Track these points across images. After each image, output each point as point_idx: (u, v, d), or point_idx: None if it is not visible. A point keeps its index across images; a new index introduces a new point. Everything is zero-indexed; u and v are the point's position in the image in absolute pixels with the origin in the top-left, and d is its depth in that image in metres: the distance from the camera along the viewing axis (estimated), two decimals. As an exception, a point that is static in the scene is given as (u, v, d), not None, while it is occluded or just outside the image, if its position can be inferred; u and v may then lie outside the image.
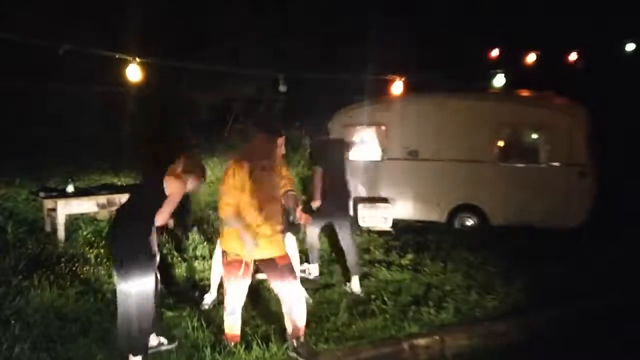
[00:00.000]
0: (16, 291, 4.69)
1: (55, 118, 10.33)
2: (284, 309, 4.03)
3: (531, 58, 10.61)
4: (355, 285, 5.37)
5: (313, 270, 5.79)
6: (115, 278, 3.82)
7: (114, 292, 4.94)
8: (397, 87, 8.35)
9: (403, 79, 8.30)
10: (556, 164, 7.37)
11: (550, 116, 7.59)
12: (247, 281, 4.01)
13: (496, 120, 7.69)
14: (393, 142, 8.23)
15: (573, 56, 10.85)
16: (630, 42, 10.78)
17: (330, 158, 5.61)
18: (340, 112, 8.63)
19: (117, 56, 5.88)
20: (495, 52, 13.02)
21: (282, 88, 7.97)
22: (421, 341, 4.31)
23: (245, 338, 4.11)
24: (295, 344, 3.96)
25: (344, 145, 6.31)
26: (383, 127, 8.32)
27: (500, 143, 7.74)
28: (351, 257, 5.45)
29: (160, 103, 11.26)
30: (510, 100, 8.24)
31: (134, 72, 5.76)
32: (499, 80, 8.16)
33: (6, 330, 4.01)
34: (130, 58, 5.81)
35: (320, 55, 12.82)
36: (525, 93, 8.66)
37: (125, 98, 10.73)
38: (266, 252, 3.92)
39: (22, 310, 4.38)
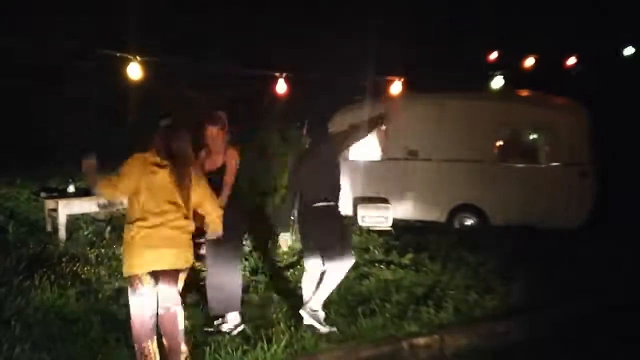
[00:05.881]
0: (17, 291, 4.69)
1: (56, 118, 10.34)
2: None
3: (530, 62, 10.60)
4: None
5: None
6: None
7: (115, 291, 5.02)
8: (397, 87, 8.34)
9: (402, 79, 8.29)
10: (557, 164, 7.37)
11: (550, 116, 7.59)
12: None
13: (496, 120, 7.69)
14: (393, 142, 8.24)
15: (572, 60, 10.83)
16: (629, 46, 10.75)
17: None
18: (340, 112, 8.63)
19: (118, 54, 5.86)
20: (494, 55, 12.99)
21: (280, 88, 7.96)
22: (421, 340, 4.30)
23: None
24: None
25: None
26: (383, 127, 8.32)
27: (500, 143, 7.75)
28: None
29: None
30: (510, 100, 8.24)
31: (135, 71, 5.76)
32: (498, 82, 8.18)
33: (7, 331, 4.01)
34: (132, 57, 5.82)
35: (320, 55, 12.81)
36: (525, 93, 8.66)
37: (126, 98, 10.73)
38: None
39: (22, 310, 4.38)
